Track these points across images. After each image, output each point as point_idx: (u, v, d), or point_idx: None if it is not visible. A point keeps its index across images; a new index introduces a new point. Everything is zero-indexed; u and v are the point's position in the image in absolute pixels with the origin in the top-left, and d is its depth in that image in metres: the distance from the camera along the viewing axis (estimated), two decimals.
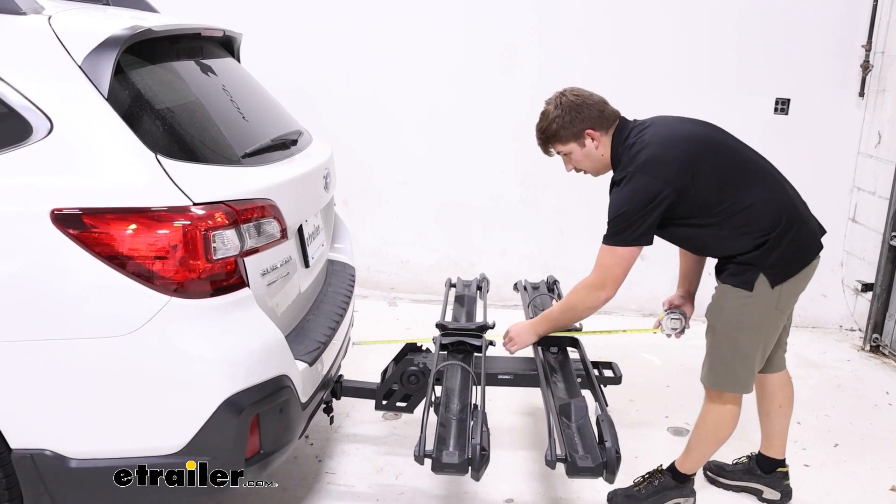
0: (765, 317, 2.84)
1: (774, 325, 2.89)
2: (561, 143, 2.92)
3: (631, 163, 2.76)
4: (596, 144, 2.88)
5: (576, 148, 2.91)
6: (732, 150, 2.83)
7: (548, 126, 2.92)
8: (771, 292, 2.77)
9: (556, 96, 2.94)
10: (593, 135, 2.87)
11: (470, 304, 3.74)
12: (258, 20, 5.14)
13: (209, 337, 2.18)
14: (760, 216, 2.73)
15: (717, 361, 2.92)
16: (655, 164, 2.72)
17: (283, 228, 2.46)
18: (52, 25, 2.20)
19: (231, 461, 2.25)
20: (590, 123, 2.86)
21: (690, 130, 2.84)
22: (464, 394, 2.85)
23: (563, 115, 2.87)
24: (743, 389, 2.92)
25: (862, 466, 3.52)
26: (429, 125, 5.41)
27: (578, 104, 2.87)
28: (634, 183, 2.72)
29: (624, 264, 2.81)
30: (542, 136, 2.97)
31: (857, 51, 5.09)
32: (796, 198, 2.87)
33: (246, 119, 2.81)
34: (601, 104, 2.91)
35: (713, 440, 3.00)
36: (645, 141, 2.77)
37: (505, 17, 5.22)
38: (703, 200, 2.74)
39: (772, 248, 2.73)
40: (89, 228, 2.08)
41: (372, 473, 3.27)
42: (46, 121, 2.11)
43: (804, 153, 5.23)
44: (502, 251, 5.55)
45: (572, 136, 2.89)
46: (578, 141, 2.89)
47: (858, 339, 5.18)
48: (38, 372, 2.11)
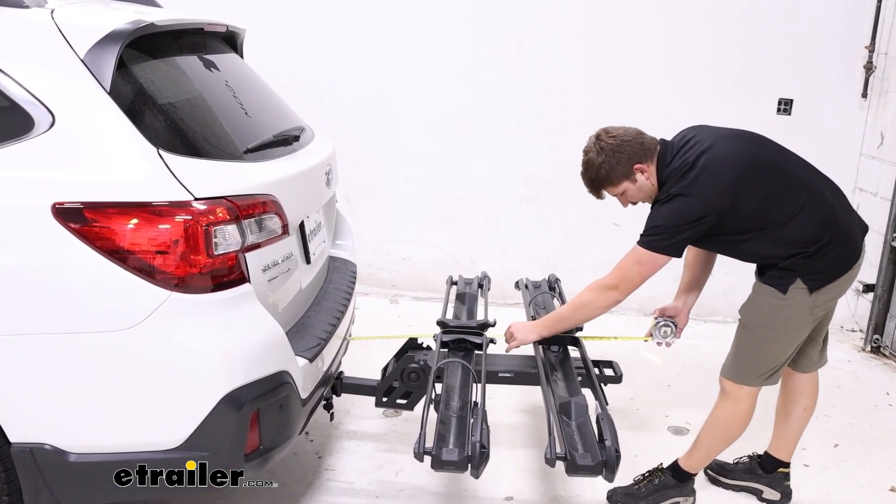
0: (796, 320, 2.84)
1: (804, 328, 2.88)
2: (613, 186, 2.90)
3: (676, 184, 2.75)
4: (647, 176, 2.85)
5: (629, 186, 2.88)
6: (776, 169, 2.79)
7: (596, 174, 2.89)
8: (807, 298, 2.78)
9: (593, 143, 2.90)
10: (642, 168, 2.84)
11: (471, 301, 3.74)
12: (261, 16, 5.14)
13: (210, 332, 2.18)
14: (801, 232, 2.73)
15: (741, 356, 2.92)
16: (698, 187, 2.70)
17: (284, 224, 2.45)
18: (55, 19, 2.21)
19: (231, 457, 2.25)
20: (636, 159, 2.83)
21: (734, 150, 2.78)
22: (464, 391, 2.85)
23: (609, 160, 2.84)
24: (766, 382, 2.91)
25: (862, 467, 3.52)
26: (432, 122, 5.41)
27: (618, 145, 2.84)
28: (676, 203, 2.72)
29: (644, 270, 2.81)
30: (593, 184, 2.94)
31: (860, 52, 5.09)
32: (839, 207, 2.83)
33: (248, 115, 2.81)
34: (639, 136, 2.88)
35: (722, 438, 3.00)
36: (689, 162, 2.75)
37: (510, 15, 5.21)
38: (744, 219, 2.73)
39: (813, 256, 2.73)
40: (90, 222, 2.07)
41: (372, 470, 3.27)
42: (48, 114, 2.11)
43: (806, 154, 5.12)
44: (504, 249, 5.55)
45: (622, 176, 2.86)
46: (630, 178, 2.86)
47: (859, 339, 5.18)
48: (38, 366, 2.11)
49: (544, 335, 3.11)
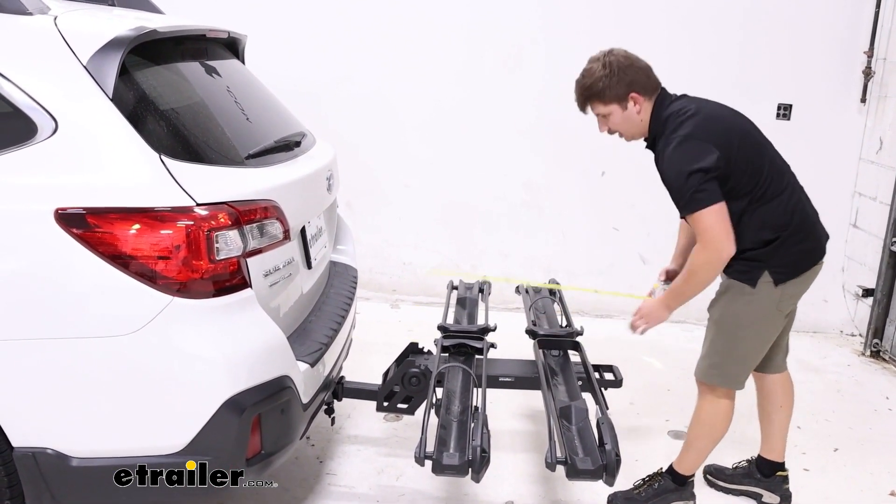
0: (765, 315, 2.85)
1: (774, 326, 2.90)
2: (602, 104, 2.82)
3: (680, 127, 2.70)
4: (638, 109, 2.80)
5: (617, 110, 2.82)
6: (764, 147, 2.82)
7: (592, 84, 2.80)
8: (773, 291, 2.79)
9: (602, 54, 2.83)
10: (637, 99, 2.79)
11: (471, 306, 3.74)
12: (263, 22, 5.15)
13: (211, 337, 2.19)
14: (780, 212, 2.75)
15: (713, 356, 2.94)
16: (706, 131, 2.69)
17: (285, 229, 2.46)
18: (58, 26, 2.22)
19: (232, 461, 2.25)
20: (636, 87, 2.79)
21: (728, 113, 2.83)
22: (465, 396, 2.86)
23: (611, 76, 2.77)
24: (735, 385, 2.95)
25: (862, 471, 3.52)
26: (432, 127, 5.42)
27: (626, 66, 2.78)
28: (689, 146, 2.67)
29: (721, 220, 2.66)
30: (584, 94, 2.85)
31: (859, 57, 5.10)
32: (807, 202, 2.89)
33: (250, 120, 2.82)
34: (648, 70, 2.84)
35: (709, 437, 3.01)
36: (690, 109, 2.74)
37: (509, 19, 5.23)
38: (739, 178, 2.71)
39: (780, 246, 2.75)
40: (93, 228, 2.08)
41: (373, 475, 3.28)
42: (51, 120, 2.12)
43: (806, 158, 5.20)
44: (504, 254, 5.56)
45: (615, 98, 2.79)
46: (622, 103, 2.80)
47: (859, 344, 5.18)
48: (41, 371, 2.12)
49: (672, 308, 2.91)
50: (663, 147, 2.75)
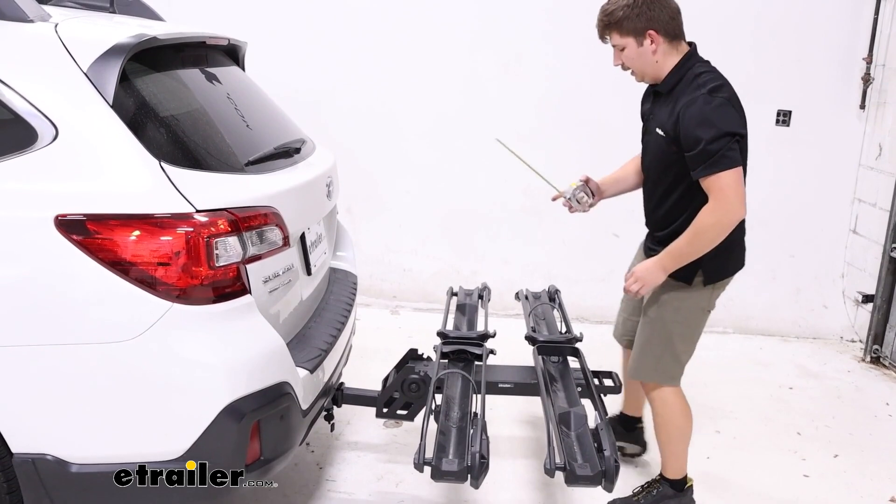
0: (696, 313, 2.94)
1: (702, 324, 2.98)
2: (619, 35, 2.79)
3: (717, 91, 2.69)
4: (654, 48, 2.77)
5: (632, 44, 2.78)
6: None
7: (613, 11, 2.77)
8: (704, 290, 2.87)
9: None
10: (654, 37, 2.75)
11: (471, 312, 3.75)
12: (263, 29, 5.16)
13: (211, 343, 2.19)
14: None
15: (647, 353, 3.00)
16: (739, 107, 2.76)
17: (285, 236, 2.47)
18: (59, 33, 2.23)
19: (231, 467, 2.25)
20: (656, 25, 2.74)
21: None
22: (464, 402, 2.86)
23: (633, 7, 2.73)
24: (671, 381, 3.00)
25: (862, 477, 3.52)
26: (432, 134, 5.42)
27: (652, 2, 2.74)
28: (727, 111, 2.67)
29: (740, 183, 2.65)
30: (604, 21, 2.82)
31: (858, 63, 5.11)
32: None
33: (250, 127, 2.83)
34: (676, 13, 2.80)
35: (678, 437, 3.04)
36: (726, 82, 2.76)
37: (510, 25, 5.24)
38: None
39: (719, 250, 2.75)
40: (93, 234, 2.09)
41: (372, 481, 3.28)
42: (52, 127, 2.13)
43: (805, 165, 5.25)
44: (505, 260, 5.56)
45: (633, 31, 2.76)
46: (638, 38, 2.77)
47: (859, 350, 5.18)
48: (41, 377, 2.12)
49: (668, 269, 2.81)
50: (693, 100, 2.68)
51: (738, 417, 4.06)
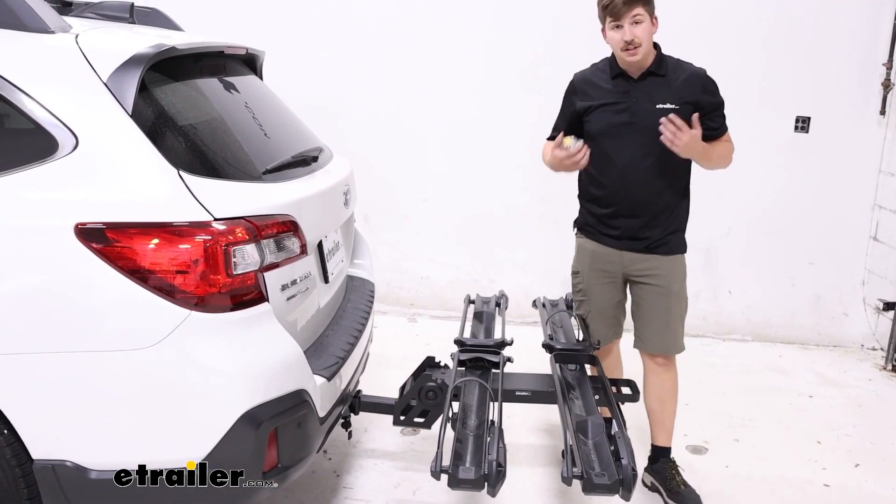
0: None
1: None
2: (645, 9, 3.00)
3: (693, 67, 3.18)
4: (655, 31, 3.07)
5: (648, 21, 3.02)
6: None
7: None
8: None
9: None
10: (656, 22, 3.06)
11: (488, 320, 3.74)
12: (280, 38, 5.20)
13: (229, 351, 2.20)
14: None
15: (673, 326, 3.21)
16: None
17: (302, 244, 2.48)
18: (79, 44, 2.25)
19: (249, 474, 2.26)
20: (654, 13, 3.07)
21: None
22: (481, 410, 2.85)
23: None
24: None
25: (883, 487, 3.48)
26: (449, 142, 5.44)
27: None
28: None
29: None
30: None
31: (877, 69, 5.08)
32: None
33: (267, 135, 2.85)
34: None
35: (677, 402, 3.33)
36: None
37: (526, 31, 5.25)
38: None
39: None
40: (112, 243, 2.11)
41: (389, 489, 3.28)
42: (72, 137, 2.15)
43: (824, 171, 5.21)
44: (522, 268, 5.55)
45: (651, 10, 3.03)
46: (652, 17, 3.04)
47: (880, 358, 5.13)
48: (60, 384, 2.14)
49: (696, 151, 3.02)
50: (701, 72, 3.17)
51: (757, 426, 4.02)
